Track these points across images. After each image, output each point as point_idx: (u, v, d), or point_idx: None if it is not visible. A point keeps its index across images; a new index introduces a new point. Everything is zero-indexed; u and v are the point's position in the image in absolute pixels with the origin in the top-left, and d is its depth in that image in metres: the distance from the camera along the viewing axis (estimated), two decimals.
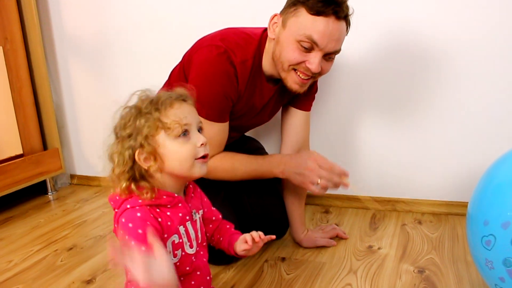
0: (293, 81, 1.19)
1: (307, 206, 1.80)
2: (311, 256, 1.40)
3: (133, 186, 0.83)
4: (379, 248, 1.43)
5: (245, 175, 1.28)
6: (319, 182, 1.17)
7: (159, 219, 0.84)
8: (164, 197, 0.85)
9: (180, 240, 0.87)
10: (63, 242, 1.60)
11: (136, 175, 0.84)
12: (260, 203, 1.44)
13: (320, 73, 1.18)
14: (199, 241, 0.93)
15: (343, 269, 1.31)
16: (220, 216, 1.05)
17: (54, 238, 1.63)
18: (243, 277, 1.29)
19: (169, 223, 0.85)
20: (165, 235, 0.84)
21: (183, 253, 0.88)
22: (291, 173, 1.22)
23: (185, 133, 0.84)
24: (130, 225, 0.80)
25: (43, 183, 2.12)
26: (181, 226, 0.88)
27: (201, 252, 0.94)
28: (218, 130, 1.23)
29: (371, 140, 1.72)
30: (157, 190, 0.85)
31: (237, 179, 1.30)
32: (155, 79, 1.25)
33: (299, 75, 1.17)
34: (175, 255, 0.87)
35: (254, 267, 1.35)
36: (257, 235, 0.94)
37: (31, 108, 2.06)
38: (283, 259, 1.39)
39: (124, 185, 0.83)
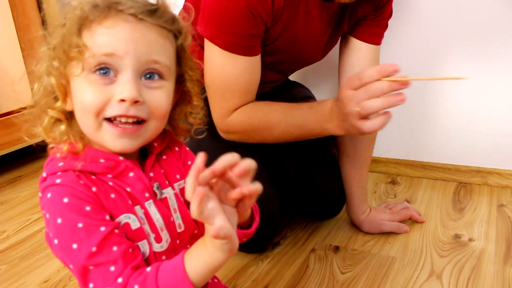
0: None
1: None
2: (375, 246, 1.03)
3: (62, 127, 0.54)
4: (470, 240, 1.04)
5: (284, 135, 0.90)
6: (358, 110, 0.73)
7: (94, 189, 0.52)
8: (102, 160, 0.54)
9: (139, 226, 0.54)
10: None
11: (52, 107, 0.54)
12: (307, 170, 1.09)
13: None
14: (178, 231, 0.58)
15: (421, 270, 0.94)
16: None
17: None
18: (280, 274, 0.95)
19: (112, 195, 0.53)
20: (108, 212, 0.52)
21: (152, 250, 0.55)
22: (342, 123, 0.79)
23: (105, 70, 0.51)
24: (59, 220, 0.50)
25: None
26: (138, 207, 0.55)
27: (187, 248, 0.60)
28: (244, 68, 0.85)
29: (456, 90, 1.29)
30: (88, 147, 0.55)
31: (273, 142, 0.94)
32: None
33: None
34: (131, 243, 0.54)
35: (296, 258, 1.00)
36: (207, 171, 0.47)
37: None
38: (336, 248, 1.03)
39: (46, 120, 0.54)
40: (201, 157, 0.45)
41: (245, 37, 0.82)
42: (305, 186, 1.09)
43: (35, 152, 0.57)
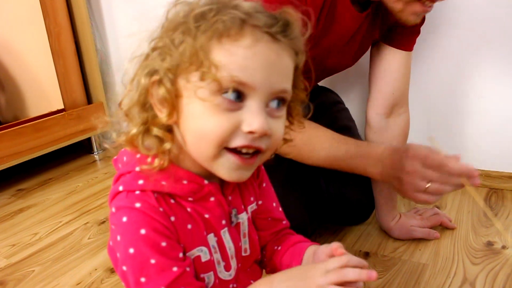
0: (412, 12, 0.79)
1: None
2: (406, 253, 1.02)
3: (143, 139, 0.48)
4: (503, 247, 1.02)
5: (323, 162, 0.89)
6: (427, 187, 0.77)
7: (172, 218, 0.49)
8: (185, 181, 0.50)
9: (209, 258, 0.52)
10: (96, 213, 1.35)
11: (152, 121, 0.48)
12: (336, 175, 1.05)
13: None
14: (243, 255, 0.57)
15: (454, 277, 0.92)
16: (285, 222, 0.65)
17: (88, 208, 1.39)
18: None
19: (189, 226, 0.50)
20: (182, 246, 0.50)
21: (216, 281, 0.53)
22: (389, 176, 0.83)
23: (237, 95, 0.44)
24: (131, 250, 0.47)
25: (89, 141, 1.89)
26: (211, 235, 0.53)
27: (246, 271, 0.60)
28: None
29: (487, 94, 1.27)
30: (172, 165, 0.49)
31: (311, 164, 0.92)
32: None
33: (424, 3, 0.77)
34: (201, 283, 0.51)
35: None
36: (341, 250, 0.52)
37: (72, 57, 1.81)
38: (366, 254, 1.03)
39: (134, 131, 0.48)
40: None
41: None
42: (334, 191, 1.08)
43: (64, 156, 0.55)
